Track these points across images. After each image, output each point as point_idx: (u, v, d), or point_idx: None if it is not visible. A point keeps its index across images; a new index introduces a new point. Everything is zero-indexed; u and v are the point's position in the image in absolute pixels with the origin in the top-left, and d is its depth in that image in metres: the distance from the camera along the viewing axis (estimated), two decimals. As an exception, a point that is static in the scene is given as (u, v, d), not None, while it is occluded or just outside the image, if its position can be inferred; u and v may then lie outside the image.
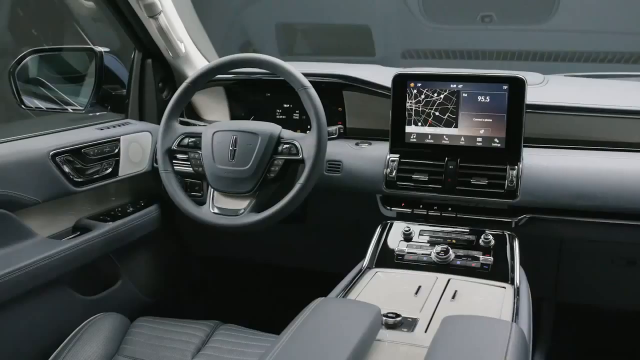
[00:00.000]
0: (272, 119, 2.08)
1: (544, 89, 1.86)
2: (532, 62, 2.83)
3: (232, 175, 1.67)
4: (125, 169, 1.94)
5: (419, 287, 1.43)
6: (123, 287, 1.96)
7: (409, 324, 1.27)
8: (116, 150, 1.90)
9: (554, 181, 1.62)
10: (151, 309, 1.92)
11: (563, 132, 1.75)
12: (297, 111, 2.07)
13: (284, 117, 2.08)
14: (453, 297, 1.38)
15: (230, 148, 1.67)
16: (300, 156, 1.63)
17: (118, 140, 1.91)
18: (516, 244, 1.58)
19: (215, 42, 2.38)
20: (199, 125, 2.00)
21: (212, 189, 1.72)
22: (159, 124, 2.10)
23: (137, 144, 1.99)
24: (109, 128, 1.93)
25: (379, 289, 1.45)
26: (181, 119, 1.88)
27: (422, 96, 1.71)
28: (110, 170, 1.88)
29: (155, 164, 2.03)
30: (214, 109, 2.15)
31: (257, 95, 2.11)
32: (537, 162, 1.66)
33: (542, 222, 1.66)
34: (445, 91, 1.69)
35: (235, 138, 1.68)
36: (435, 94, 1.70)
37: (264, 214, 1.63)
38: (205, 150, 1.71)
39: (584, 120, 1.72)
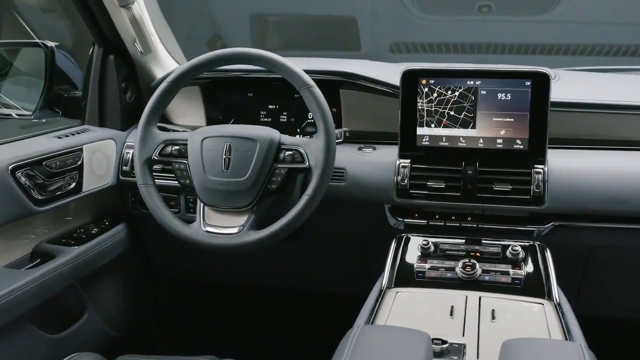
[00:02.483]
0: (256, 121, 2.00)
1: (557, 85, 1.86)
2: (531, 56, 2.86)
3: (227, 188, 1.57)
4: (89, 184, 1.81)
5: (452, 307, 1.39)
6: (91, 320, 1.82)
7: (456, 351, 1.23)
8: (79, 162, 1.76)
9: (583, 185, 1.61)
10: (126, 345, 1.81)
11: (585, 131, 1.74)
12: (284, 113, 1.99)
13: (269, 119, 2.00)
14: (493, 317, 1.35)
15: (224, 156, 1.58)
16: (307, 164, 1.56)
17: (81, 150, 1.77)
18: (548, 255, 1.56)
19: (178, 35, 2.27)
20: (178, 130, 1.89)
21: (201, 204, 1.62)
22: (122, 129, 2.00)
23: (100, 153, 1.86)
24: (67, 136, 1.80)
25: (407, 311, 1.40)
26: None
27: (435, 94, 1.67)
28: (73, 185, 1.74)
29: (121, 177, 1.91)
30: (187, 112, 2.04)
31: (237, 96, 2.01)
32: (562, 164, 1.64)
33: (568, 230, 1.65)
34: (461, 88, 1.65)
35: (230, 145, 1.58)
36: (450, 92, 1.66)
37: (267, 231, 1.54)
38: (193, 160, 1.61)
39: (608, 118, 1.72)
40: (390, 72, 1.88)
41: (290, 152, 1.58)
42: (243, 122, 1.94)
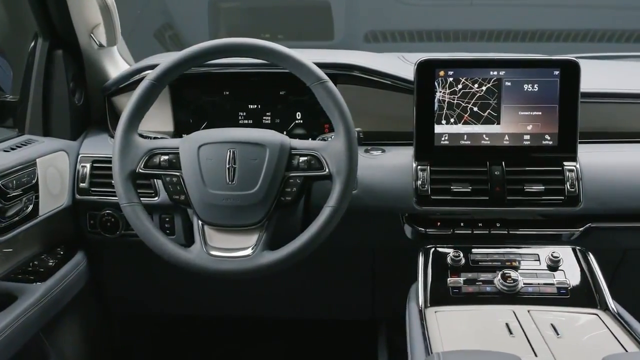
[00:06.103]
0: (234, 124, 1.91)
1: None
2: (520, 43, 2.90)
3: (234, 203, 1.48)
4: (46, 206, 1.65)
5: (507, 324, 1.38)
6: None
7: (541, 374, 1.22)
8: (34, 180, 1.61)
9: (620, 182, 1.63)
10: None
11: (611, 123, 1.79)
12: (268, 113, 1.91)
13: (249, 121, 1.92)
14: (557, 332, 1.35)
15: (228, 166, 1.49)
16: (326, 171, 1.49)
17: (35, 165, 1.62)
18: (592, 259, 1.57)
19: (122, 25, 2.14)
20: (158, 137, 1.77)
21: (200, 223, 1.52)
22: (72, 139, 1.86)
23: (54, 169, 1.71)
24: (14, 149, 1.63)
25: (460, 333, 1.37)
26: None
27: (455, 87, 1.65)
28: (30, 208, 1.58)
29: (77, 195, 1.77)
30: (151, 116, 1.91)
31: (209, 95, 1.92)
32: (594, 160, 1.67)
33: (602, 231, 1.67)
34: (483, 80, 1.65)
35: (234, 152, 1.49)
36: (471, 84, 1.66)
37: (285, 251, 1.46)
38: (189, 171, 1.50)
39: (632, 108, 1.78)
40: (390, 64, 1.85)
41: (306, 158, 1.51)
42: (218, 125, 1.84)
